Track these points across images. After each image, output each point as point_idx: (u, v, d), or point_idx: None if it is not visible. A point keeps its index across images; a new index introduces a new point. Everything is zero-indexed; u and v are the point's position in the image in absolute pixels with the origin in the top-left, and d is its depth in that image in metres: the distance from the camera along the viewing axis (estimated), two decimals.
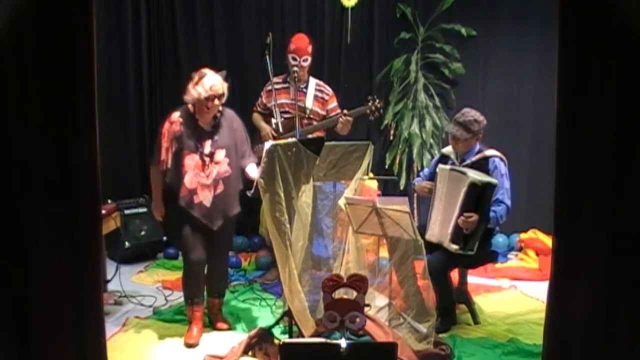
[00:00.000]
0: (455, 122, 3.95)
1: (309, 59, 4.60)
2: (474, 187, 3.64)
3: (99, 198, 2.13)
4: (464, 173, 3.71)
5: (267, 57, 4.52)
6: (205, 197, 3.71)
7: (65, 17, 1.94)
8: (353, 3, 5.66)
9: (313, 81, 4.68)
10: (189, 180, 3.69)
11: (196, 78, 3.69)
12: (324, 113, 4.68)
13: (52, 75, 1.95)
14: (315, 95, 4.62)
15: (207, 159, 3.71)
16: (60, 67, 1.96)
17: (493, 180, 3.71)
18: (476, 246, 3.75)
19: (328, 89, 4.74)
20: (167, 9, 5.68)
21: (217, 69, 3.85)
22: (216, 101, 3.68)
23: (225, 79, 3.77)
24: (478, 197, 3.66)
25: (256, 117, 4.75)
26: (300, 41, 4.62)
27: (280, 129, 4.51)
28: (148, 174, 5.71)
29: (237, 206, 3.88)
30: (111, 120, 5.50)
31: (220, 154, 3.74)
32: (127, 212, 5.23)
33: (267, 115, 4.70)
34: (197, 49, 5.68)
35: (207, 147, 3.72)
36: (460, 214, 3.69)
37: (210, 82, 3.66)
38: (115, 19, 5.62)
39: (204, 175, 3.71)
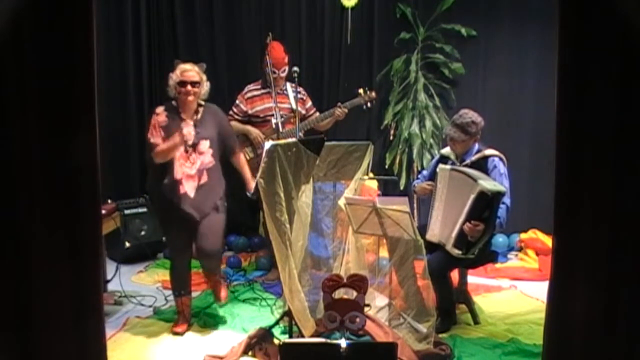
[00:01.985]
0: (453, 123, 3.95)
1: (287, 68, 4.68)
2: (483, 196, 3.61)
3: (99, 198, 2.13)
4: (473, 179, 3.67)
5: (267, 57, 4.54)
6: (189, 187, 3.75)
7: (65, 17, 1.94)
8: (353, 3, 5.67)
9: (287, 84, 4.77)
10: (174, 171, 3.74)
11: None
12: (304, 112, 4.80)
13: (52, 75, 1.95)
14: (295, 96, 4.68)
15: (190, 149, 3.76)
16: (60, 67, 1.96)
17: (502, 189, 3.69)
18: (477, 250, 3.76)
19: (302, 90, 4.87)
20: (167, 9, 5.69)
21: (195, 62, 3.93)
22: (189, 87, 3.75)
23: (204, 71, 3.87)
24: (486, 206, 3.65)
25: (235, 124, 4.73)
26: (277, 53, 4.68)
27: (281, 129, 4.54)
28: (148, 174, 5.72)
29: (222, 197, 3.92)
30: (111, 120, 5.51)
31: (204, 145, 3.79)
32: (127, 212, 5.23)
33: (246, 122, 4.74)
34: (197, 49, 5.69)
35: (190, 138, 3.75)
36: (466, 221, 3.68)
37: (182, 69, 3.80)
38: (115, 19, 5.62)
39: (188, 165, 3.76)
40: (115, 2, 5.59)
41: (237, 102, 4.78)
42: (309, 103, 4.89)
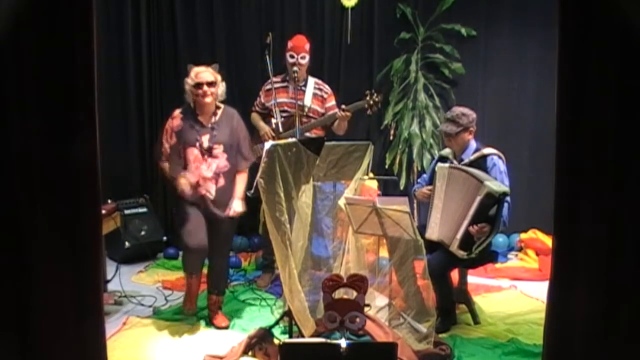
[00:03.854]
0: (445, 119, 4.06)
1: (307, 56, 4.63)
2: (491, 198, 3.62)
3: (99, 198, 2.13)
4: (478, 180, 3.67)
5: (267, 57, 4.53)
6: (209, 189, 3.79)
7: (65, 17, 1.94)
8: (353, 3, 5.67)
9: (312, 80, 4.70)
10: (191, 174, 3.76)
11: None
12: (323, 111, 4.69)
13: (52, 75, 1.95)
14: (315, 93, 4.63)
15: (205, 153, 3.78)
16: (60, 67, 1.96)
17: (507, 189, 3.71)
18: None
19: (327, 88, 4.77)
20: (167, 9, 5.69)
21: (209, 64, 3.94)
22: (205, 88, 3.75)
23: (219, 71, 3.88)
24: (492, 207, 3.66)
25: (255, 117, 4.77)
26: (298, 40, 4.67)
27: (280, 129, 4.52)
28: (148, 174, 5.73)
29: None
30: (111, 120, 5.51)
31: (219, 149, 3.80)
32: (127, 212, 5.23)
33: (266, 115, 4.72)
34: (197, 49, 5.68)
35: (206, 141, 3.79)
36: (473, 222, 3.68)
37: (197, 70, 3.80)
38: (115, 19, 5.62)
39: (205, 168, 3.78)
40: (115, 2, 5.58)
41: (260, 93, 4.78)
42: (331, 102, 4.71)
